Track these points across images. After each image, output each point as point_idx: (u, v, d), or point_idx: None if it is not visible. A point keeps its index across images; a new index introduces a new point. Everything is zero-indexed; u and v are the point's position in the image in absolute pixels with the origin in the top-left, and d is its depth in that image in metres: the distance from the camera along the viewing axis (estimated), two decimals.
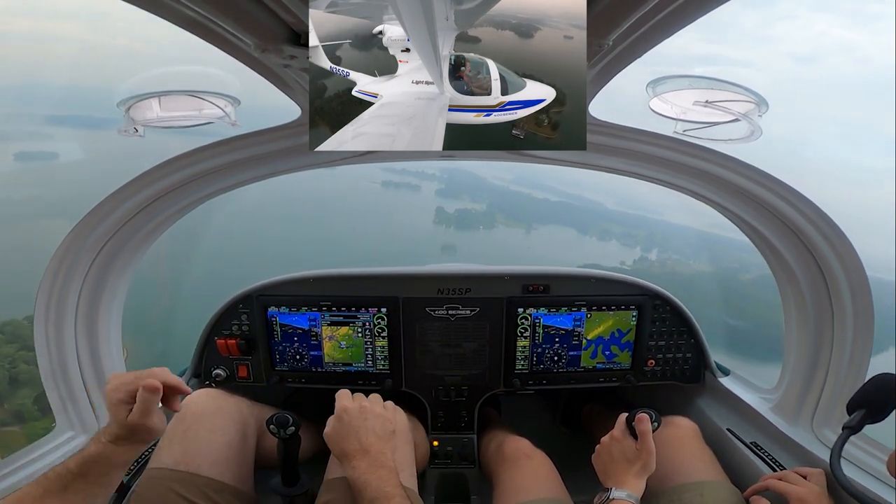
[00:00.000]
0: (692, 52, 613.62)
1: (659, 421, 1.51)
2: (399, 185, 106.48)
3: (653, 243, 67.39)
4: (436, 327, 2.13)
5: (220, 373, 2.13)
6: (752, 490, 1.53)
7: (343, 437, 1.46)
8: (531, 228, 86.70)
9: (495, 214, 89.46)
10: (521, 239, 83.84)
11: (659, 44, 0.97)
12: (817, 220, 1.52)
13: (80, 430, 1.73)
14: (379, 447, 1.44)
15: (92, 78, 77.03)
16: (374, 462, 1.40)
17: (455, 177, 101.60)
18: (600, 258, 66.66)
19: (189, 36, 0.95)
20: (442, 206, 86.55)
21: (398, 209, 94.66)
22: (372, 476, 1.37)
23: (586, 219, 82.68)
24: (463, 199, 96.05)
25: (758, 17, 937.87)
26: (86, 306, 1.67)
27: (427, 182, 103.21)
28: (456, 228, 79.30)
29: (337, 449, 1.46)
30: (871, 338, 1.57)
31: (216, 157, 1.52)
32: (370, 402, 1.57)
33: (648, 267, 44.83)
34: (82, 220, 1.54)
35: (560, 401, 2.75)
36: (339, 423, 1.49)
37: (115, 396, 1.28)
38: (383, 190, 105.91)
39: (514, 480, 1.74)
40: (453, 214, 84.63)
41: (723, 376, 2.15)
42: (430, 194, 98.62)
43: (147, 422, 1.28)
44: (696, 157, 1.51)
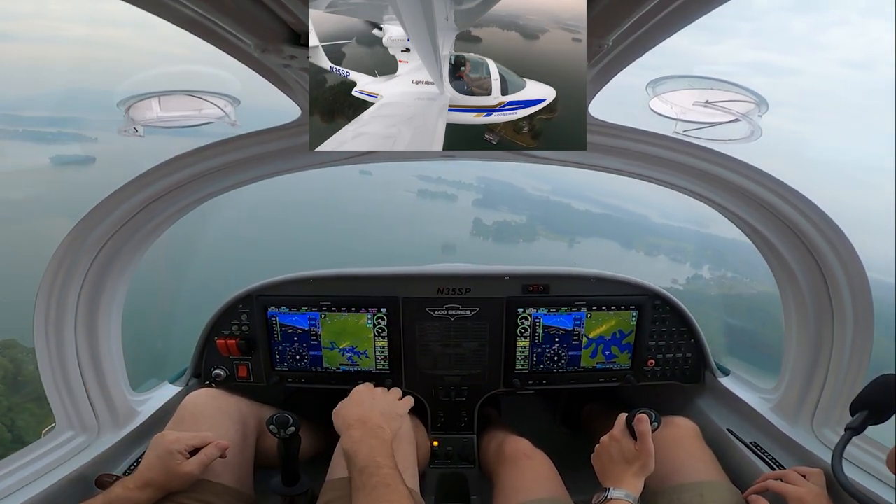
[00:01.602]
0: (739, 58, 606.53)
1: (659, 421, 1.51)
2: (435, 194, 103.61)
3: (703, 259, 61.64)
4: (436, 327, 2.13)
5: (220, 373, 2.13)
6: (752, 490, 1.53)
7: (346, 408, 1.52)
8: (574, 241, 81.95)
9: (536, 226, 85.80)
10: (564, 253, 79.56)
11: (659, 43, 0.97)
12: (817, 220, 1.51)
13: (80, 430, 1.73)
14: (377, 420, 1.47)
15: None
16: (369, 432, 1.42)
17: (492, 187, 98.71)
18: (650, 276, 61.63)
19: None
20: (480, 218, 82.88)
21: (435, 220, 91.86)
22: (363, 445, 1.38)
23: (630, 231, 77.79)
24: (501, 209, 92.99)
25: (808, 23, 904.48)
26: (86, 306, 1.67)
27: (464, 192, 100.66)
28: (494, 241, 75.38)
29: (339, 420, 1.50)
30: (871, 338, 1.57)
31: (216, 157, 1.52)
32: (383, 390, 1.64)
33: (703, 286, 39.55)
34: (82, 220, 1.54)
35: (560, 401, 2.75)
36: (348, 399, 1.56)
37: (175, 447, 1.45)
38: (419, 200, 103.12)
39: (513, 480, 1.74)
40: (491, 226, 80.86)
41: (723, 376, 2.15)
42: (466, 204, 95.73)
43: (197, 472, 1.46)
44: (696, 157, 1.51)
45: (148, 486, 1.40)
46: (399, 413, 1.57)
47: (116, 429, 1.81)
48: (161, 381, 2.16)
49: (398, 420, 1.55)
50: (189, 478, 1.45)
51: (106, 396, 1.77)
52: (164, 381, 2.15)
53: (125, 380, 1.88)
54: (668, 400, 2.33)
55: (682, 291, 28.42)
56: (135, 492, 1.38)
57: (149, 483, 1.40)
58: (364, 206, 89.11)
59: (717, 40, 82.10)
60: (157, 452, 1.45)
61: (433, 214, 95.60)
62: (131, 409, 1.87)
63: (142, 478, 1.41)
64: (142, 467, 1.45)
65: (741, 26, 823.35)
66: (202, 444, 1.51)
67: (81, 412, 1.72)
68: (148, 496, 1.40)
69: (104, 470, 1.67)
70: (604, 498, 1.43)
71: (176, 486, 1.45)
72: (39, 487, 1.51)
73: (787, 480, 1.48)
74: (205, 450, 1.50)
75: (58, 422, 1.70)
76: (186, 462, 1.45)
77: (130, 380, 1.91)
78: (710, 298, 11.74)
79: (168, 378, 2.17)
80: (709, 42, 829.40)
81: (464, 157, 1.77)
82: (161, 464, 1.43)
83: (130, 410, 1.87)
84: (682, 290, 30.49)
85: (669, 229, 76.77)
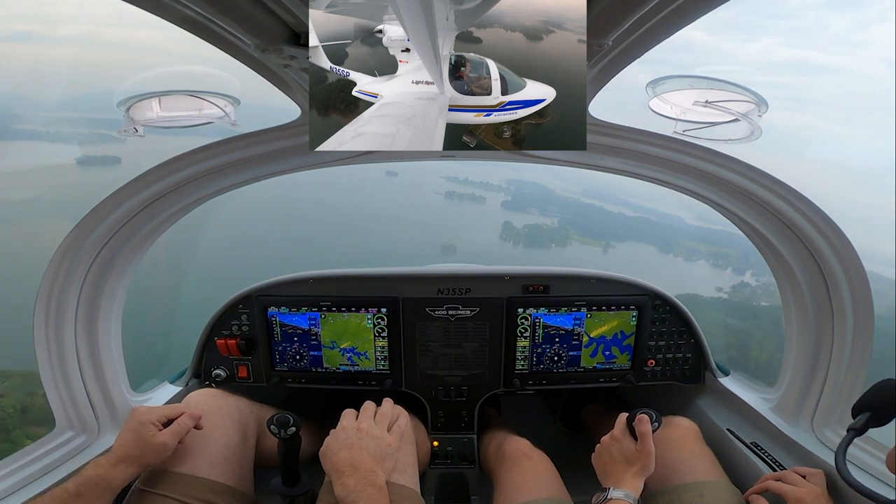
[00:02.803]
0: (774, 57, 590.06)
1: (659, 421, 1.51)
2: (463, 196, 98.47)
3: (746, 264, 54.32)
4: (436, 327, 2.13)
5: (220, 373, 2.13)
6: (752, 491, 1.53)
7: (335, 452, 1.41)
8: (608, 246, 74.82)
9: (568, 230, 79.07)
10: (599, 258, 72.91)
11: (659, 43, 0.97)
12: (817, 220, 1.51)
13: (80, 430, 1.73)
14: (370, 465, 1.38)
15: None
16: (363, 479, 1.34)
17: (522, 188, 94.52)
18: (694, 284, 54.56)
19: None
20: (510, 221, 78.24)
21: (463, 224, 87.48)
22: (361, 496, 1.31)
23: (666, 235, 70.39)
24: (531, 212, 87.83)
25: (849, 21, 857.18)
26: (86, 306, 1.67)
27: (492, 193, 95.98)
28: (525, 246, 69.87)
29: (328, 464, 1.42)
30: (871, 338, 1.57)
31: (216, 157, 1.52)
32: (370, 424, 1.50)
33: (750, 295, 34.38)
34: (82, 220, 1.54)
35: (560, 401, 2.75)
36: (334, 439, 1.45)
37: (146, 417, 1.43)
38: (447, 202, 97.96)
39: (513, 480, 1.74)
40: (522, 230, 75.91)
41: (723, 376, 2.15)
42: (495, 207, 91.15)
43: (171, 442, 1.44)
44: (696, 157, 1.51)
45: (121, 462, 1.35)
46: (390, 450, 1.46)
47: (116, 429, 1.81)
48: (161, 381, 2.16)
49: (391, 459, 1.46)
50: (163, 448, 1.42)
51: (106, 396, 1.77)
52: (165, 381, 2.15)
53: (125, 380, 1.88)
54: (668, 400, 2.33)
55: (729, 302, 25.19)
56: (107, 468, 1.33)
57: (122, 459, 1.35)
58: (392, 208, 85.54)
59: (751, 38, 77.67)
60: (129, 426, 1.42)
61: (462, 217, 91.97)
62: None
63: (115, 454, 1.37)
64: (115, 444, 1.41)
65: (776, 24, 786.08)
66: (176, 415, 1.49)
67: (81, 412, 1.72)
68: (122, 472, 1.34)
69: None
70: (604, 498, 1.43)
71: (151, 459, 1.41)
72: (39, 487, 1.51)
73: (786, 481, 1.47)
74: (178, 420, 1.48)
75: (58, 422, 1.70)
76: (160, 433, 1.42)
77: (130, 380, 1.91)
78: (764, 311, 10.56)
79: (168, 378, 2.17)
80: (742, 40, 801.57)
81: (464, 157, 1.77)
82: (135, 437, 1.40)
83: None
84: (728, 299, 27.65)
85: (706, 232, 70.96)
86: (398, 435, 1.53)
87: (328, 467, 1.42)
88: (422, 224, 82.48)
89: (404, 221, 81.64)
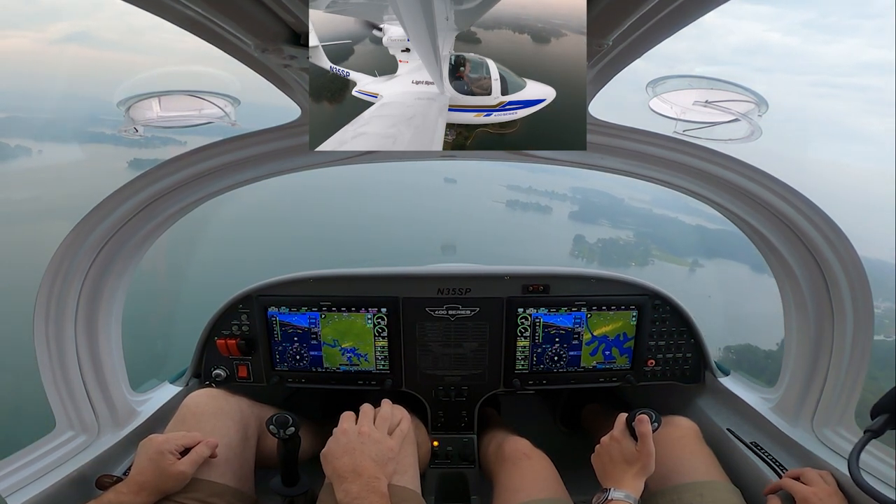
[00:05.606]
0: (860, 58, 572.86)
1: (659, 421, 1.51)
2: (527, 205, 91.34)
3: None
4: (436, 327, 2.13)
5: (220, 373, 2.13)
6: (769, 489, 1.55)
7: (337, 457, 1.40)
8: (696, 265, 63.55)
9: (648, 245, 70.10)
10: (684, 280, 58.99)
11: (659, 43, 0.97)
12: (817, 220, 1.51)
13: (80, 430, 1.73)
14: (373, 471, 1.37)
15: None
16: (366, 486, 1.33)
17: (589, 197, 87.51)
18: None
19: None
20: (581, 235, 70.60)
21: (529, 237, 79.70)
22: (363, 503, 1.31)
23: (753, 251, 68.71)
24: (602, 223, 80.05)
25: None
26: (86, 306, 1.67)
27: (558, 203, 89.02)
28: (600, 264, 59.04)
29: (329, 469, 1.41)
30: (870, 338, 1.57)
31: (216, 157, 1.52)
32: (371, 427, 1.49)
33: (876, 324, 26.98)
34: (82, 220, 1.54)
35: (560, 401, 2.75)
36: (336, 443, 1.44)
37: (164, 447, 1.45)
38: (509, 211, 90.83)
39: (513, 480, 1.74)
40: (595, 245, 68.19)
41: (723, 376, 2.15)
42: (562, 218, 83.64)
43: (189, 471, 1.45)
44: (696, 157, 1.51)
45: (142, 489, 1.38)
46: (391, 454, 1.46)
47: (116, 429, 1.81)
48: (161, 381, 2.16)
49: (392, 463, 1.46)
50: (182, 477, 1.44)
51: (106, 396, 1.77)
52: (165, 381, 2.16)
53: (125, 380, 1.88)
54: (668, 400, 2.33)
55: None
56: (128, 496, 1.36)
57: (142, 487, 1.39)
58: (453, 218, 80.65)
59: (834, 39, 76.06)
60: (148, 455, 1.44)
61: (526, 228, 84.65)
62: (131, 410, 1.87)
63: (135, 482, 1.40)
64: (133, 472, 1.43)
65: (862, 24, 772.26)
66: (192, 444, 1.51)
67: (81, 412, 1.72)
68: (142, 500, 1.38)
69: (104, 470, 1.67)
70: (604, 499, 1.43)
71: (170, 488, 1.43)
72: (39, 487, 1.50)
73: (804, 478, 1.49)
74: (196, 448, 1.50)
75: (58, 422, 1.70)
76: (179, 461, 1.45)
77: (130, 380, 1.91)
78: None
79: (168, 378, 2.17)
80: (824, 41, 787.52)
81: (464, 156, 1.77)
82: (153, 466, 1.42)
83: (131, 410, 1.87)
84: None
85: None
86: (400, 438, 1.52)
87: (329, 472, 1.41)
88: (482, 234, 74.88)
89: (464, 232, 75.73)
